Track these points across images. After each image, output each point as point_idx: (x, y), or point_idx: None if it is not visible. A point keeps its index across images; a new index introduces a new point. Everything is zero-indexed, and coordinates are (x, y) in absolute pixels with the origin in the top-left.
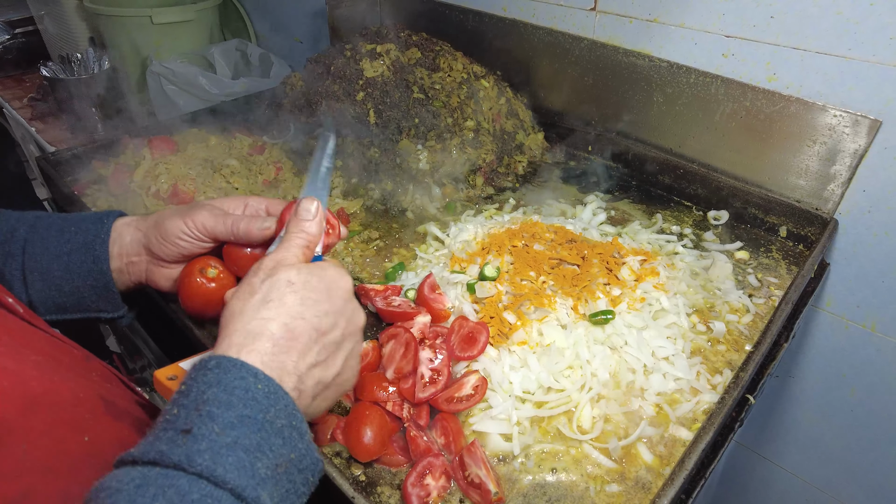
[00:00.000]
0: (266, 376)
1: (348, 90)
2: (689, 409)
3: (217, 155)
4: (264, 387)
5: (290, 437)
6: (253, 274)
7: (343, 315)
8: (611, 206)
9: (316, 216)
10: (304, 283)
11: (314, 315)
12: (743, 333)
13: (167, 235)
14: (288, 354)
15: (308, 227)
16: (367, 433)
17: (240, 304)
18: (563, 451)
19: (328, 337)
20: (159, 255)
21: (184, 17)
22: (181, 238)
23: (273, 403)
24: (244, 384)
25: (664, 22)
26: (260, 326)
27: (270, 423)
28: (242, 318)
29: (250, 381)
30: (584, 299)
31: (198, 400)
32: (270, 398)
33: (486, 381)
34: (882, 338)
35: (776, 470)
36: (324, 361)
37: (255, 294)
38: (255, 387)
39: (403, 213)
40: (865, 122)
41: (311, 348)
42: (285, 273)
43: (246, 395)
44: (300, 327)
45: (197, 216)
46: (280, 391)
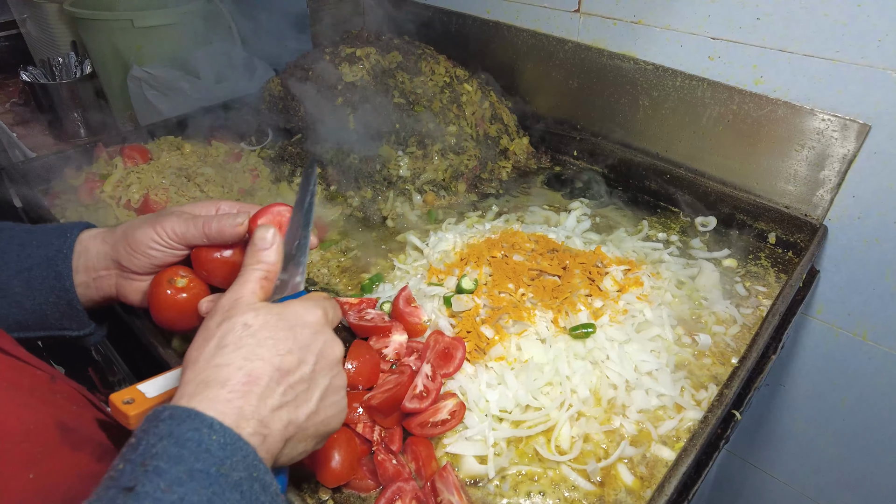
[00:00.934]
0: (222, 426)
1: (327, 95)
2: (673, 427)
3: (192, 163)
4: (219, 438)
5: (250, 490)
6: (209, 317)
7: (311, 350)
8: (596, 212)
9: (273, 244)
10: (262, 325)
11: (274, 354)
12: (729, 346)
13: (137, 246)
14: (245, 399)
15: (265, 257)
16: (336, 457)
17: (195, 353)
18: (540, 474)
19: (294, 375)
20: (129, 267)
21: (166, 20)
22: (152, 248)
23: (229, 455)
24: (197, 436)
25: (649, 24)
26: (213, 374)
27: (225, 477)
28: (196, 368)
29: (204, 432)
30: (565, 312)
31: (146, 454)
32: (226, 450)
33: (464, 406)
34: (873, 346)
35: (768, 479)
36: (292, 402)
37: (209, 340)
38: (210, 438)
39: (383, 222)
40: (854, 126)
41: (274, 390)
42: (242, 316)
43: (199, 447)
44: (258, 369)
45: (167, 223)
46: (238, 441)
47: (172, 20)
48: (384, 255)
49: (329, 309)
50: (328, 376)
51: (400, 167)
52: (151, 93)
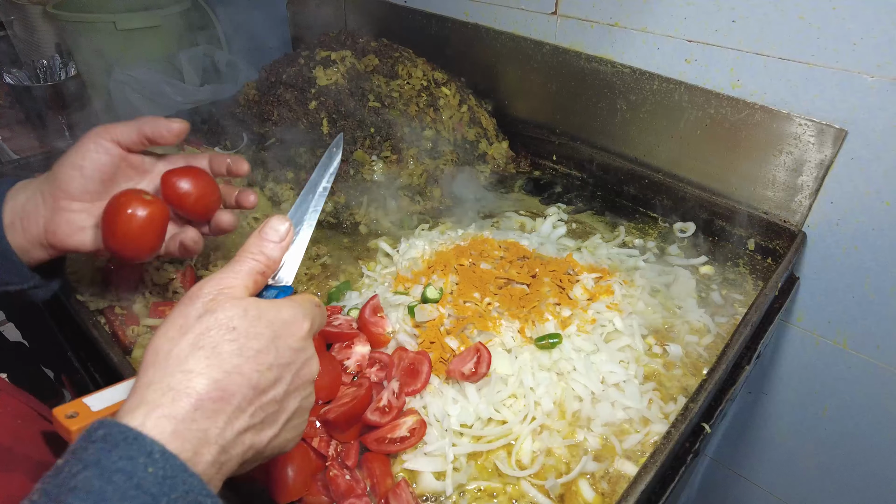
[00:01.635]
0: (166, 455)
1: (300, 99)
2: (638, 442)
3: None
4: (158, 469)
5: None
6: (189, 301)
7: (290, 368)
8: (573, 218)
9: (284, 239)
10: (247, 329)
11: (254, 369)
12: (702, 356)
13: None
14: (213, 420)
15: (270, 251)
16: (289, 472)
17: (166, 344)
18: (499, 489)
19: (268, 395)
20: (59, 185)
21: (149, 22)
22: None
23: (167, 491)
24: (129, 467)
25: (625, 26)
26: (183, 381)
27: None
28: (165, 367)
29: (140, 462)
30: (532, 321)
31: (63, 486)
32: (165, 485)
33: (425, 424)
34: (853, 354)
35: (752, 488)
36: (259, 424)
37: (186, 334)
38: (145, 470)
39: (356, 228)
40: (831, 131)
41: (245, 410)
42: (227, 312)
43: (128, 482)
44: (234, 384)
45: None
46: (184, 474)
47: (155, 23)
48: (355, 262)
49: (316, 319)
50: (299, 398)
51: (374, 172)
52: (134, 96)
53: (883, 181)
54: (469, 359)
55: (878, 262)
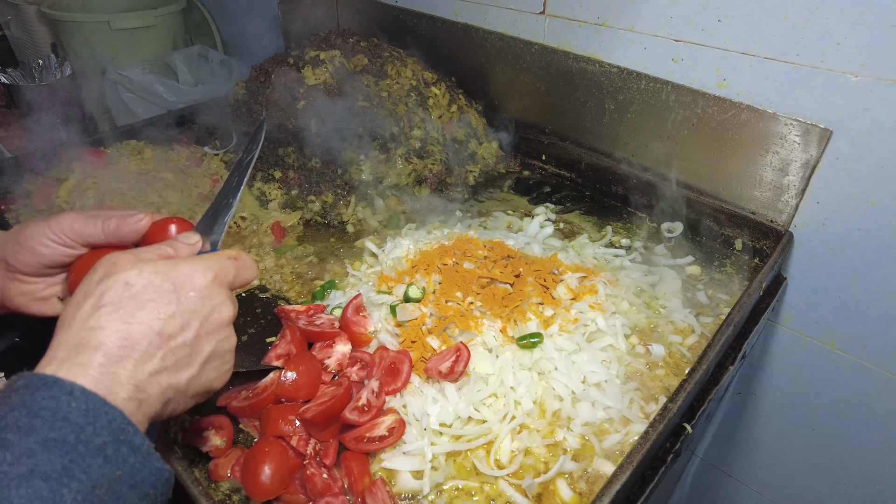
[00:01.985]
0: (85, 392)
1: (289, 99)
2: (618, 442)
3: (152, 168)
4: (80, 404)
5: (116, 453)
6: (92, 272)
7: (196, 314)
8: (561, 218)
9: (194, 245)
10: (144, 285)
11: (155, 318)
12: (685, 356)
13: (24, 241)
14: (121, 364)
15: (181, 248)
16: (266, 471)
17: (71, 310)
18: (476, 489)
19: (176, 340)
20: (15, 265)
21: (143, 22)
22: (42, 243)
23: (92, 421)
24: (53, 404)
25: (613, 26)
26: (88, 337)
27: (86, 443)
28: (71, 329)
29: (63, 399)
30: (514, 321)
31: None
32: (89, 416)
33: (404, 423)
34: (841, 355)
35: (742, 488)
36: (172, 366)
37: (88, 298)
38: (69, 405)
39: (343, 227)
40: (816, 131)
41: (153, 354)
42: (124, 273)
43: (54, 416)
44: (136, 333)
45: (63, 219)
46: (104, 406)
47: (150, 22)
48: (341, 261)
49: (229, 269)
50: (213, 340)
51: (362, 171)
52: (128, 95)
53: (868, 181)
54: (448, 358)
55: (864, 262)
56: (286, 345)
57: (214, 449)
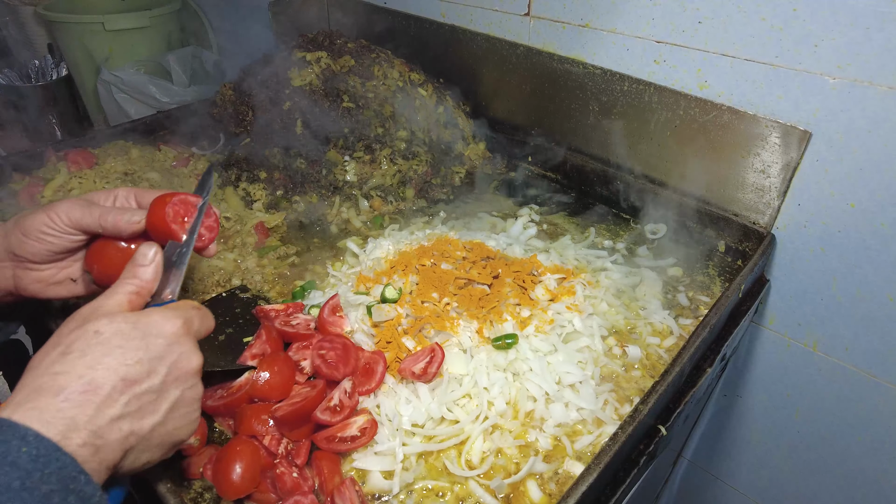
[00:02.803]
0: (39, 437)
1: (275, 99)
2: (589, 443)
3: (138, 168)
4: (31, 449)
5: (63, 502)
6: (65, 323)
7: (163, 361)
8: (545, 219)
9: (153, 261)
10: (113, 333)
11: (121, 363)
12: (662, 358)
13: (29, 231)
14: (81, 408)
15: (141, 273)
16: (236, 470)
17: (39, 357)
18: (446, 489)
19: (141, 386)
20: (23, 255)
21: (138, 23)
22: (45, 232)
23: (41, 467)
24: (2, 448)
25: (596, 27)
26: (49, 381)
27: (31, 491)
28: (35, 373)
29: (13, 444)
30: (490, 322)
31: None
32: (38, 462)
33: (376, 424)
34: (823, 357)
35: (728, 490)
36: (136, 412)
37: (57, 346)
38: (19, 451)
39: (327, 228)
40: (796, 132)
41: (116, 399)
42: (94, 323)
43: (2, 460)
44: (100, 377)
45: (61, 207)
46: (56, 453)
47: (144, 23)
48: (323, 262)
49: (194, 319)
50: (180, 388)
51: (347, 172)
52: (121, 96)
53: (847, 183)
54: (422, 358)
55: (844, 263)
56: (262, 344)
57: (188, 447)
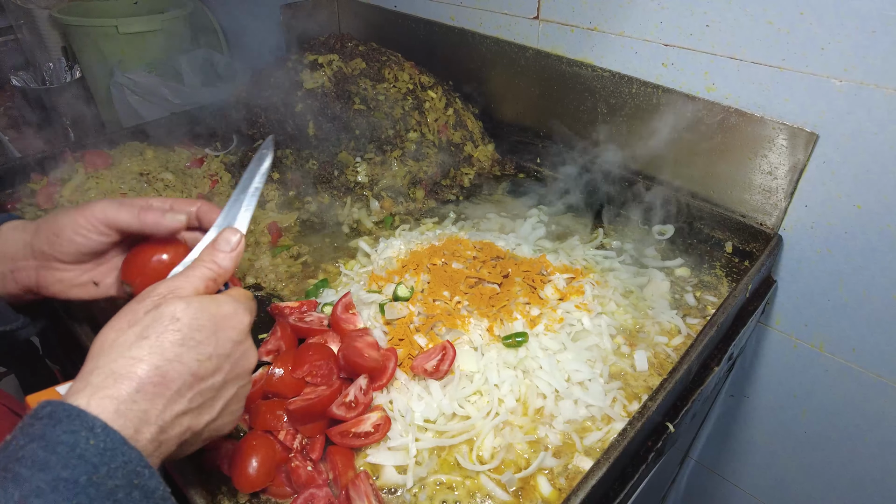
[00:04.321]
0: (107, 430)
1: (287, 102)
2: (598, 439)
3: (153, 168)
4: (99, 442)
5: (128, 497)
6: (140, 299)
7: (229, 359)
8: (554, 220)
9: (235, 249)
10: (190, 321)
11: (194, 358)
12: (670, 357)
13: (61, 231)
14: (153, 402)
15: (221, 260)
16: (252, 463)
17: (113, 334)
18: (458, 483)
19: (207, 382)
20: (52, 254)
21: (150, 26)
22: (78, 233)
23: (107, 461)
24: (72, 440)
25: (604, 30)
26: (126, 367)
27: (97, 486)
28: (110, 354)
29: (82, 435)
30: (501, 320)
31: (11, 456)
32: (105, 455)
33: (390, 421)
34: (830, 358)
35: (735, 491)
36: (196, 408)
37: (133, 326)
38: (87, 443)
39: (339, 228)
40: (802, 134)
41: (184, 395)
42: (172, 306)
43: (70, 453)
44: (174, 371)
45: (97, 206)
46: (123, 447)
47: (156, 26)
48: (335, 261)
49: (253, 312)
50: (236, 386)
51: (358, 173)
52: (133, 98)
53: (853, 185)
54: (434, 356)
55: (850, 265)
56: (276, 341)
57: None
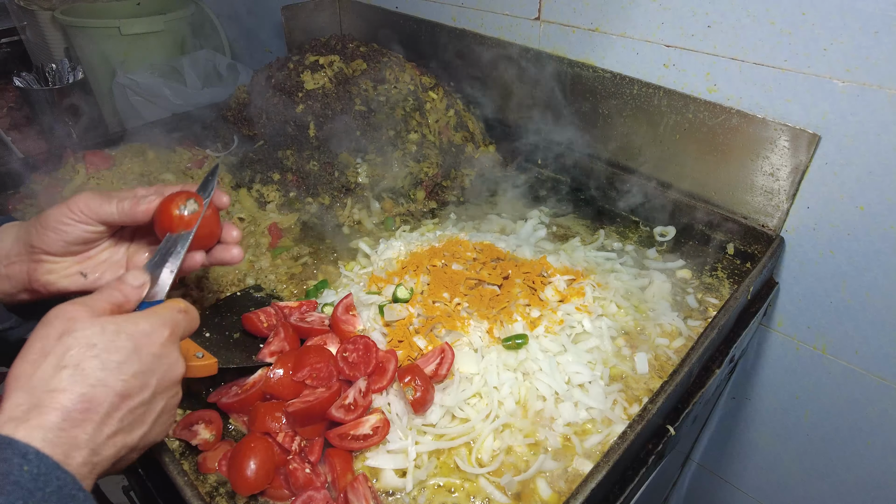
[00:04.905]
0: (39, 456)
1: (288, 102)
2: (598, 442)
3: (154, 169)
4: (33, 468)
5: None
6: (45, 324)
7: (154, 373)
8: (555, 221)
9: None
10: (107, 345)
11: (118, 379)
12: (671, 359)
13: (48, 223)
14: (82, 428)
15: (129, 293)
16: (251, 466)
17: (28, 367)
18: (457, 486)
19: (135, 400)
20: (41, 246)
21: (153, 27)
22: (63, 223)
23: (42, 486)
24: (5, 467)
25: (606, 31)
26: (49, 399)
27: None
28: (30, 387)
29: (15, 462)
30: (501, 322)
31: None
32: (39, 481)
33: (388, 423)
34: (832, 360)
35: (737, 493)
36: (128, 426)
37: (47, 356)
38: (21, 469)
39: (339, 229)
40: (805, 136)
41: (113, 416)
42: (85, 332)
43: (4, 480)
44: (100, 395)
45: (80, 198)
46: (56, 471)
47: (159, 27)
48: (335, 262)
49: (180, 323)
50: (166, 397)
51: (358, 174)
52: (136, 99)
53: (856, 186)
54: (432, 360)
55: (853, 267)
56: (280, 342)
57: (203, 442)
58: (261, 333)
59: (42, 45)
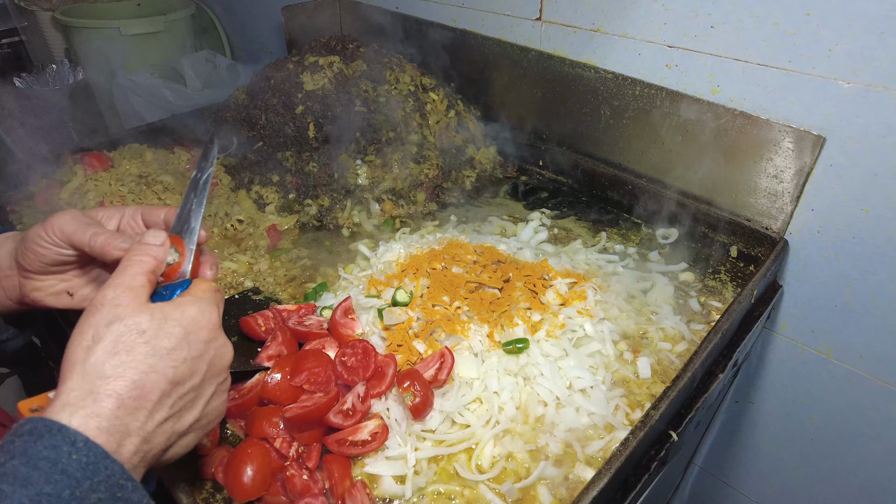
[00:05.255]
0: (88, 444)
1: (287, 104)
2: (600, 448)
3: (152, 170)
4: (81, 457)
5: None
6: (95, 311)
7: (204, 359)
8: (556, 223)
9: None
10: (156, 331)
11: (169, 366)
12: (674, 363)
13: (27, 243)
14: (134, 415)
15: (154, 252)
16: (247, 472)
17: (81, 353)
18: (457, 493)
19: (185, 386)
20: (24, 264)
21: (153, 28)
22: (39, 244)
23: (90, 475)
24: (53, 455)
25: (607, 32)
26: (103, 386)
27: (80, 500)
28: (84, 374)
29: (64, 450)
30: (501, 326)
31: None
32: (87, 470)
33: (387, 429)
34: (837, 364)
35: (739, 498)
36: (178, 413)
37: (99, 342)
38: (69, 458)
39: (338, 231)
40: (809, 137)
41: (164, 403)
42: (135, 318)
43: (52, 468)
44: (151, 382)
45: (57, 220)
46: (105, 460)
47: (159, 28)
48: (335, 264)
49: (221, 305)
50: (215, 383)
51: (358, 175)
52: (136, 99)
53: (861, 189)
54: (431, 365)
55: (858, 270)
56: (278, 346)
57: (200, 447)
58: (258, 337)
59: (42, 46)
